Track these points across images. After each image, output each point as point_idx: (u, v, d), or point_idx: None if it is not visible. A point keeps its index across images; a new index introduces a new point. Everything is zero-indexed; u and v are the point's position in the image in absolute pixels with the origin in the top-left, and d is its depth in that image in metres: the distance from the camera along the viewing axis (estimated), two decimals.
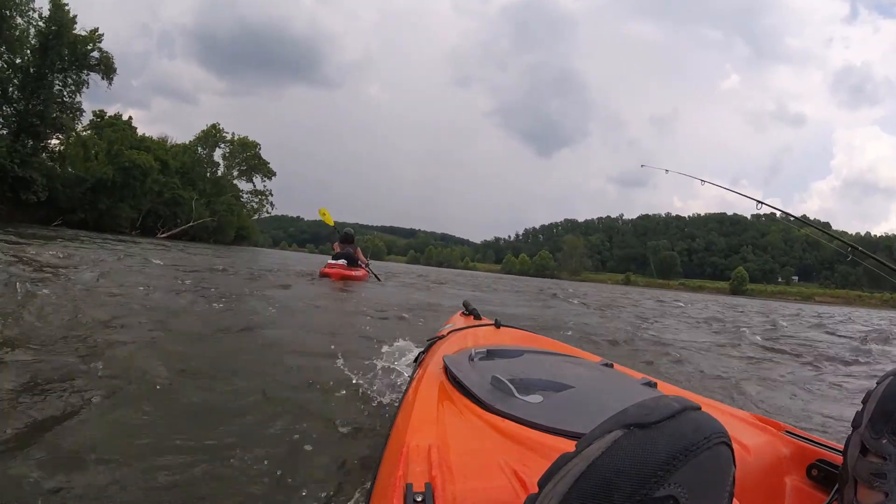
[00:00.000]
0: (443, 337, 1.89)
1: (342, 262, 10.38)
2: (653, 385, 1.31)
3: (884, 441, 0.80)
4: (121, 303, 4.02)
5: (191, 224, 48.95)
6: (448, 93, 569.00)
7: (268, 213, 65.56)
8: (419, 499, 0.69)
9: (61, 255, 7.74)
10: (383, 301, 7.05)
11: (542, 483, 0.49)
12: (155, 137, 53.36)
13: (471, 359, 1.37)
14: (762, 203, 4.17)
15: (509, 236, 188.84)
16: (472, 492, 0.72)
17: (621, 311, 10.63)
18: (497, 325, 2.18)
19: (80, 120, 39.19)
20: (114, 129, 43.93)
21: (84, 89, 37.28)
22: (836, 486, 0.93)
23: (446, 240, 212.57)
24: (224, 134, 60.27)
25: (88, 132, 42.15)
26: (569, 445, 0.52)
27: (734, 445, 0.49)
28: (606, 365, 1.53)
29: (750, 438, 1.13)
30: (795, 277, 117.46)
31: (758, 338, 6.92)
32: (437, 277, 20.61)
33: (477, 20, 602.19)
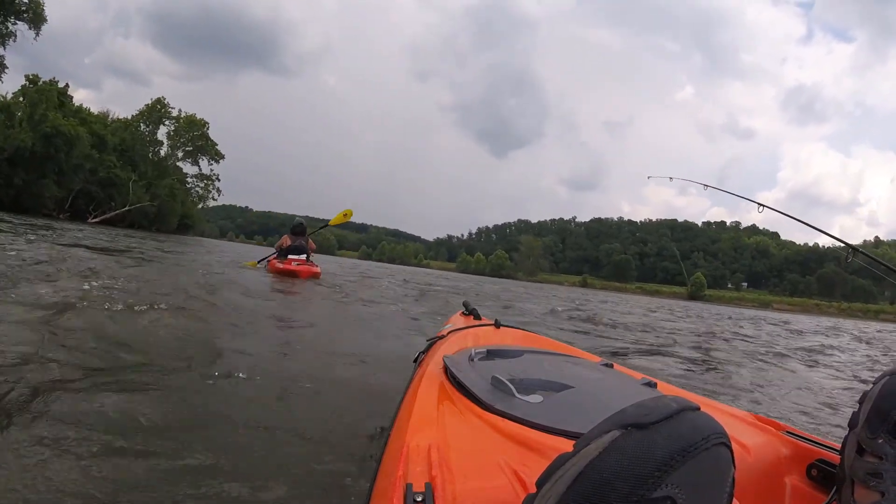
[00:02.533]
0: (443, 337, 1.90)
1: (302, 256, 9.50)
2: (653, 385, 1.32)
3: (880, 441, 0.81)
4: None
5: (127, 208, 43.68)
6: (406, 87, 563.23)
7: (214, 199, 60.25)
8: (419, 499, 0.69)
9: None
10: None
11: (541, 483, 0.50)
12: (95, 112, 47.94)
13: (471, 359, 1.37)
14: (764, 206, 4.25)
15: (462, 235, 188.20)
16: (472, 492, 0.72)
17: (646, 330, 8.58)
18: (497, 325, 2.19)
19: (0, 79, 34.24)
20: (38, 90, 37.12)
21: (10, 42, 32.46)
22: (836, 486, 0.93)
23: (398, 236, 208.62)
24: (170, 110, 54.03)
25: (12, 96, 36.39)
26: (568, 445, 0.52)
27: (733, 445, 0.49)
28: (606, 365, 1.54)
29: (749, 438, 1.13)
30: (745, 284, 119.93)
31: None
32: (406, 278, 18.64)
33: (439, 15, 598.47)
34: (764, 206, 4.24)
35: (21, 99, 36.14)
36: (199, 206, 60.06)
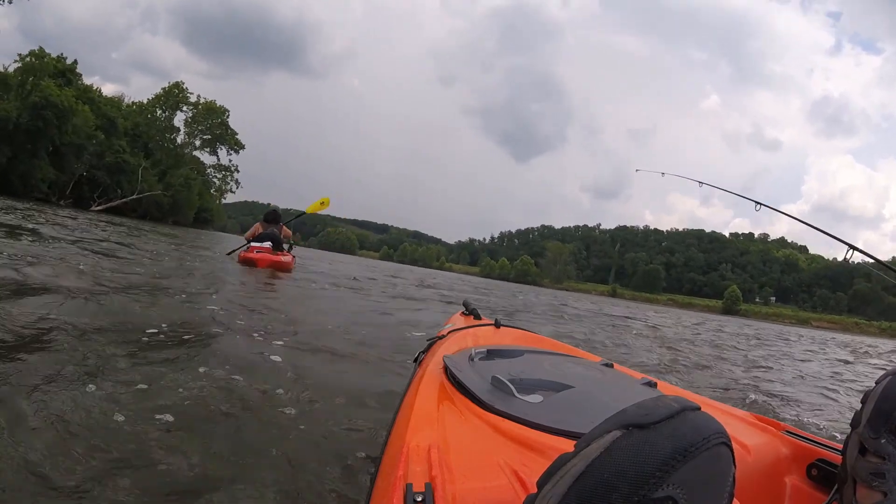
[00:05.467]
0: (443, 337, 1.89)
1: (268, 244, 8.89)
2: (653, 385, 1.32)
3: (882, 441, 0.81)
4: None
5: (135, 196, 40.08)
6: (430, 90, 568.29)
7: (232, 191, 55.67)
8: (419, 499, 0.69)
9: None
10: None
11: (542, 483, 0.49)
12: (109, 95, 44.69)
13: (471, 359, 1.37)
14: (760, 204, 4.20)
15: (484, 238, 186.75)
16: (472, 492, 0.72)
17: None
18: (497, 324, 2.18)
19: None
20: (36, 58, 34.10)
21: (2, 3, 28.47)
22: (836, 485, 0.94)
23: (418, 237, 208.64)
24: (188, 95, 49.87)
25: (13, 71, 33.12)
26: (569, 445, 0.52)
27: (734, 445, 0.49)
28: (606, 365, 1.54)
29: (750, 438, 1.13)
30: (773, 298, 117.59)
31: None
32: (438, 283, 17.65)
33: (464, 20, 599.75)
34: (761, 204, 4.20)
35: (15, 72, 33.32)
36: (219, 199, 56.86)
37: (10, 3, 29.31)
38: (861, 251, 3.55)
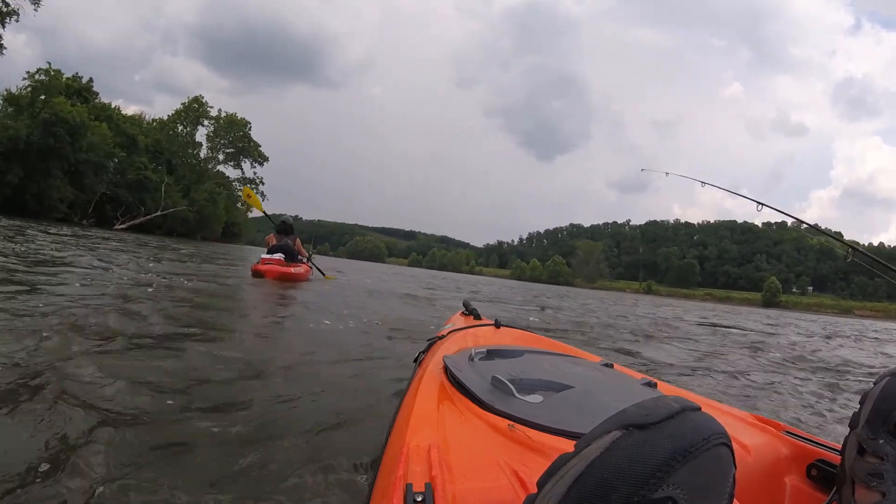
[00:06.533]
0: (443, 337, 1.90)
1: (279, 256, 8.75)
2: (653, 385, 1.32)
3: (881, 441, 0.81)
4: None
5: (159, 213, 39.63)
6: (450, 94, 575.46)
7: None
8: (419, 499, 0.69)
9: None
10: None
11: (542, 483, 0.49)
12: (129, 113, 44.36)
13: (471, 359, 1.37)
14: (762, 204, 4.13)
15: (513, 240, 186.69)
16: (472, 492, 0.72)
17: None
18: (497, 325, 2.19)
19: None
20: (42, 76, 33.18)
21: (11, 21, 27.81)
22: (836, 486, 0.93)
23: (446, 242, 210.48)
24: (208, 109, 50.23)
25: (27, 90, 32.36)
26: (569, 445, 0.52)
27: (734, 446, 0.49)
28: (606, 365, 1.54)
29: (749, 439, 1.13)
30: (810, 287, 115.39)
31: None
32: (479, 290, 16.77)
33: (479, 21, 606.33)
34: (763, 204, 4.12)
35: (26, 90, 32.73)
36: (246, 213, 55.70)
37: (18, 20, 28.72)
38: (862, 252, 3.50)
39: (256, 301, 6.16)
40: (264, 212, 11.26)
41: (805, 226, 4.21)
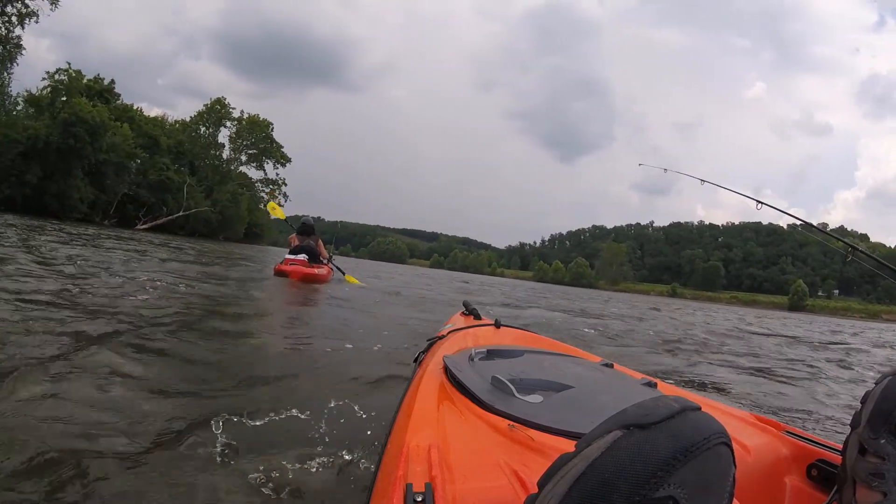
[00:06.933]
0: (443, 337, 1.89)
1: (303, 256, 8.92)
2: (653, 385, 1.32)
3: (882, 441, 0.81)
4: None
5: (181, 213, 39.58)
6: (470, 97, 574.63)
7: (281, 205, 50.06)
8: (419, 499, 0.69)
9: None
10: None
11: (542, 483, 0.49)
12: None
13: (471, 359, 1.37)
14: (762, 203, 4.09)
15: (535, 242, 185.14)
16: (472, 492, 0.72)
17: None
18: (497, 325, 2.18)
19: (15, 60, 29.83)
20: (62, 76, 33.23)
21: (31, 22, 28.45)
22: (836, 486, 0.93)
23: (468, 244, 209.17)
24: (230, 110, 50.15)
25: (47, 90, 32.58)
26: (569, 445, 0.52)
27: (734, 445, 0.49)
28: (606, 365, 1.53)
29: (750, 438, 1.13)
30: (836, 291, 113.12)
31: None
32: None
33: (500, 24, 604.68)
34: (762, 202, 4.07)
35: (46, 91, 33.02)
36: (269, 214, 56.17)
37: (38, 22, 29.28)
38: (862, 251, 3.46)
39: (283, 299, 6.33)
40: (286, 220, 11.75)
41: (801, 224, 4.11)
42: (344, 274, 10.57)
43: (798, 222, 4.23)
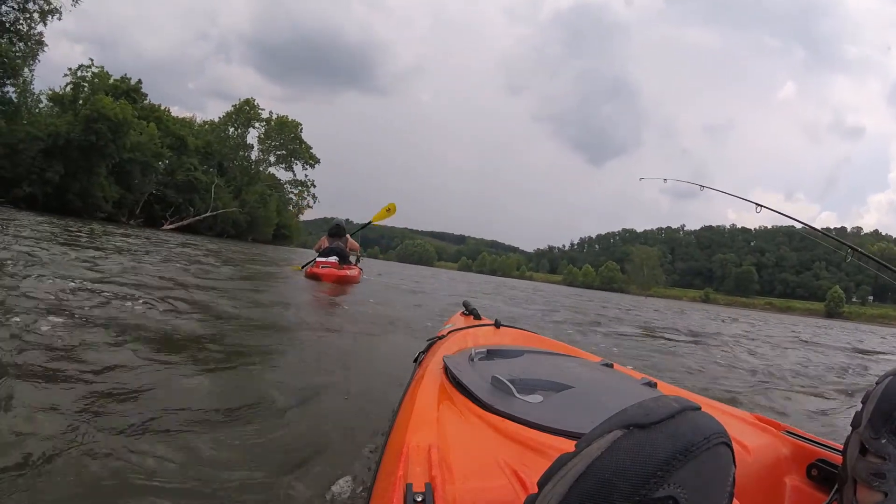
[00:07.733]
0: (443, 337, 1.90)
1: (334, 258, 8.90)
2: (653, 385, 1.32)
3: (883, 441, 0.81)
4: None
5: (208, 214, 39.06)
6: (499, 100, 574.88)
7: (309, 206, 54.57)
8: (419, 499, 0.69)
9: None
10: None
11: (542, 483, 0.49)
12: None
13: (471, 359, 1.37)
14: (762, 206, 4.03)
15: (563, 245, 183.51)
16: (472, 492, 0.73)
17: None
18: (497, 325, 2.19)
19: (37, 58, 28.62)
20: (84, 72, 33.03)
21: (53, 20, 27.65)
22: (836, 486, 0.93)
23: (496, 247, 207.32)
24: (259, 111, 49.70)
25: (69, 87, 32.29)
26: (569, 445, 0.52)
27: (734, 445, 0.50)
28: (606, 365, 1.54)
29: (750, 438, 1.13)
30: (871, 297, 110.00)
31: None
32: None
33: (529, 27, 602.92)
34: (762, 206, 4.01)
35: (68, 88, 32.58)
36: (298, 215, 55.44)
37: (60, 19, 28.51)
38: (862, 252, 3.39)
39: (314, 301, 6.37)
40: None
41: (802, 226, 4.03)
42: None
43: (798, 224, 4.17)
